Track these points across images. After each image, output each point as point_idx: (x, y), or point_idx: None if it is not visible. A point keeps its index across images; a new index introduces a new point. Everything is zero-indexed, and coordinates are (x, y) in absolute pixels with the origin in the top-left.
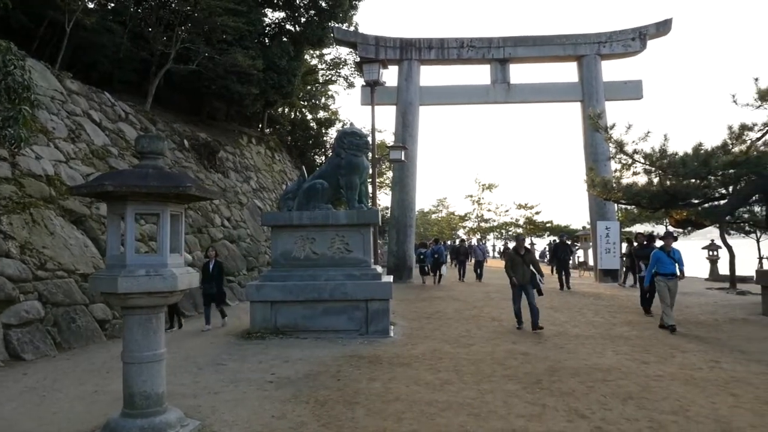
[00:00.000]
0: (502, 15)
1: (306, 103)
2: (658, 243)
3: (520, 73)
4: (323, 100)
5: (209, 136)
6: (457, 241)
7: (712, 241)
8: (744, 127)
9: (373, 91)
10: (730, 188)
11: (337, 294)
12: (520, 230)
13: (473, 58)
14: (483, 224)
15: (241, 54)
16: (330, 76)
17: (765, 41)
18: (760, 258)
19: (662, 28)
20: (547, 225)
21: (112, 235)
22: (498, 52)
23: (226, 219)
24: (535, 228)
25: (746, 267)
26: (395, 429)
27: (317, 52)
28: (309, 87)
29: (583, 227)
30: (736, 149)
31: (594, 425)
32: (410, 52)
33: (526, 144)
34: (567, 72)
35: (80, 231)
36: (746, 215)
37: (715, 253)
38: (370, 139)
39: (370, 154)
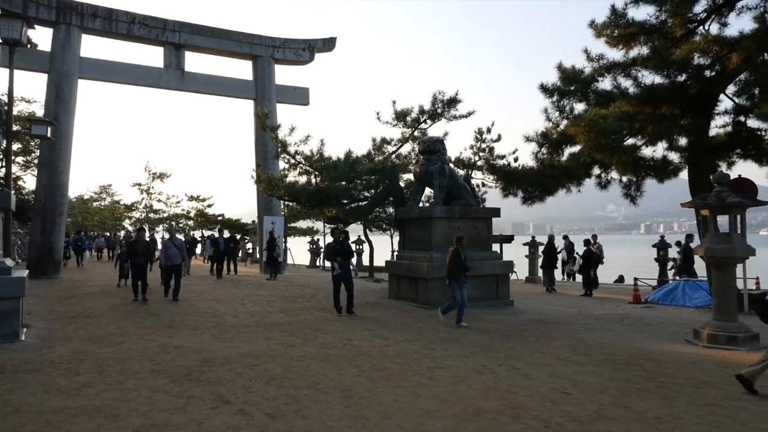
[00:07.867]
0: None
1: None
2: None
3: (198, 63)
4: None
5: None
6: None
7: (359, 236)
8: (384, 141)
9: (13, 52)
10: (372, 191)
11: None
12: (191, 222)
13: (146, 37)
14: (152, 215)
15: None
16: None
17: (406, 72)
18: (393, 251)
19: (328, 44)
20: (219, 218)
21: None
22: (173, 36)
23: None
24: (207, 221)
25: (383, 259)
26: None
27: None
28: None
29: (253, 221)
30: (377, 159)
31: (237, 408)
32: (70, 17)
33: (201, 135)
34: (245, 70)
35: None
36: (383, 215)
37: (360, 247)
38: (5, 108)
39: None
